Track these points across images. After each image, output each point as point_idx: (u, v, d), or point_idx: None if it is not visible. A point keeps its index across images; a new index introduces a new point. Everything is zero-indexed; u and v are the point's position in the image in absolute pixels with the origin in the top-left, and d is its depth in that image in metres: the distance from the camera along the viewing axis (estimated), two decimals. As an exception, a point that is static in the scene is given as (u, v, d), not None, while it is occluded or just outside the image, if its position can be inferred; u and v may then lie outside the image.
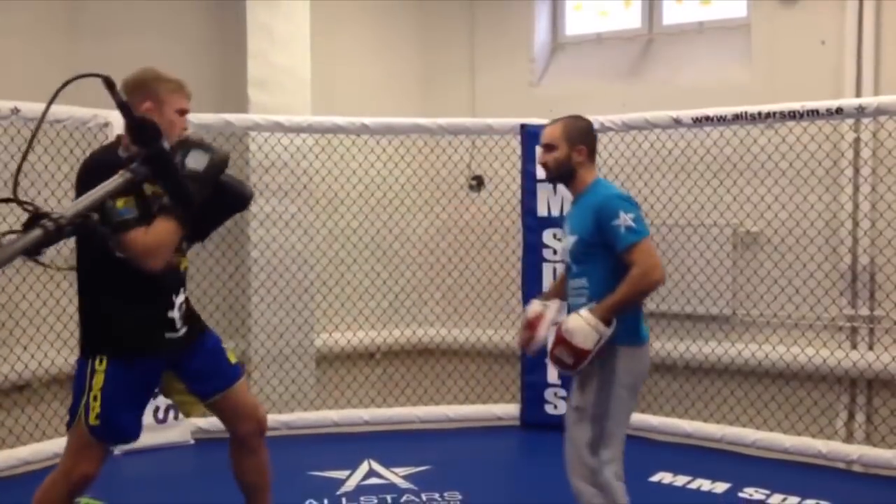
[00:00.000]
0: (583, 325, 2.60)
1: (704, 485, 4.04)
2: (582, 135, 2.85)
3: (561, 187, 4.94)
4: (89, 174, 2.48)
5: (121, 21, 5.07)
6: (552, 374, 4.94)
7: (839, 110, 4.30)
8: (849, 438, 4.57)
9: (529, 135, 4.97)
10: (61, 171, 4.34)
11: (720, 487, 4.00)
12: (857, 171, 4.59)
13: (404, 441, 4.81)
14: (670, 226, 5.00)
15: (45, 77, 1.34)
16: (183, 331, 2.71)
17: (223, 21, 5.32)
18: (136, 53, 5.16)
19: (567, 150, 2.82)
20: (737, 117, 4.55)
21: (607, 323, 2.60)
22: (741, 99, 4.62)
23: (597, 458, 2.68)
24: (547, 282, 4.96)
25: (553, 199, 5.00)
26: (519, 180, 5.13)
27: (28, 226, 1.26)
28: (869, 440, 4.53)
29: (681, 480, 4.10)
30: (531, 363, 5.01)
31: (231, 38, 5.21)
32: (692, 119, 4.67)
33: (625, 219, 2.64)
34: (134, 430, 2.70)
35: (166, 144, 1.86)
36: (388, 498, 3.85)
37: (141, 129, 1.79)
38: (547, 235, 5.00)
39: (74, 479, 2.62)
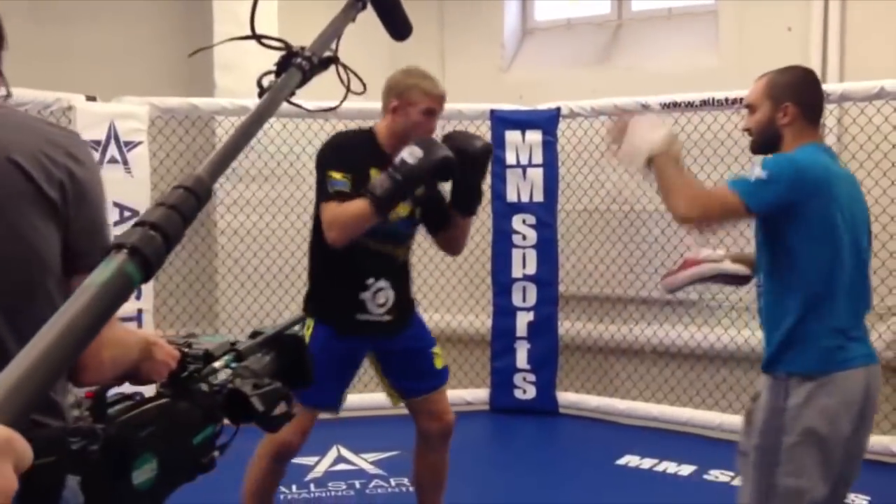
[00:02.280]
0: (645, 133, 2.24)
1: (670, 467, 4.09)
2: (792, 90, 2.27)
3: (534, 172, 5.00)
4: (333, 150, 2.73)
5: (84, 5, 4.99)
6: (521, 359, 4.96)
7: (804, 96, 4.34)
8: (812, 421, 4.64)
9: (499, 120, 4.97)
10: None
11: (686, 470, 4.05)
12: (821, 156, 4.63)
13: (373, 427, 4.80)
14: (638, 211, 5.04)
15: (7, 64, 1.31)
16: (380, 317, 2.77)
17: (189, 3, 5.24)
18: (101, 37, 5.12)
19: (769, 111, 2.28)
20: (704, 103, 4.59)
21: (647, 161, 2.21)
22: (709, 85, 4.65)
23: None
24: (517, 268, 4.97)
25: (523, 185, 5.01)
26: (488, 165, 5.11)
27: (282, 66, 1.13)
28: (831, 422, 4.60)
29: (647, 463, 4.15)
30: (500, 348, 5.03)
31: (197, 20, 5.14)
32: (660, 105, 4.70)
33: (757, 172, 2.13)
34: (330, 399, 2.81)
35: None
36: (357, 483, 3.85)
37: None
38: (517, 221, 5.01)
39: (276, 445, 2.76)
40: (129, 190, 4.52)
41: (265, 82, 1.11)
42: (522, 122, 4.98)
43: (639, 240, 4.99)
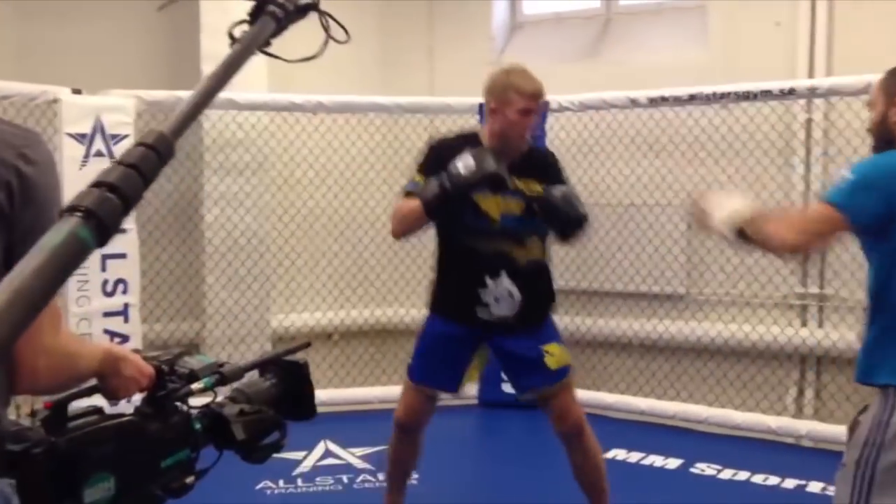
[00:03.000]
0: (723, 203, 2.16)
1: (657, 461, 4.10)
2: None
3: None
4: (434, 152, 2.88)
5: (71, -1, 4.95)
6: (509, 354, 4.96)
7: (791, 91, 4.36)
8: (798, 414, 4.66)
9: (487, 114, 4.96)
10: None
11: (673, 463, 4.06)
12: (808, 151, 4.66)
13: (362, 421, 4.79)
14: (626, 205, 5.04)
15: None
16: (500, 315, 2.86)
17: (176, -4, 5.20)
18: (87, 31, 5.08)
19: (883, 108, 2.13)
20: (692, 98, 4.59)
21: (736, 231, 2.10)
22: (697, 79, 4.65)
23: None
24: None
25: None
26: (477, 160, 5.11)
27: (255, 14, 1.09)
28: (817, 415, 4.62)
29: (635, 457, 4.16)
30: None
31: (184, 11, 5.11)
32: (648, 99, 4.70)
33: (845, 177, 2.03)
34: (440, 381, 3.01)
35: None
36: (345, 478, 3.85)
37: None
38: (506, 214, 5.01)
39: (396, 421, 3.08)
40: (115, 183, 4.49)
41: (237, 33, 1.05)
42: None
43: (626, 234, 5.00)
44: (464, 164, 2.63)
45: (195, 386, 1.36)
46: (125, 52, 5.10)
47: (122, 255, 4.53)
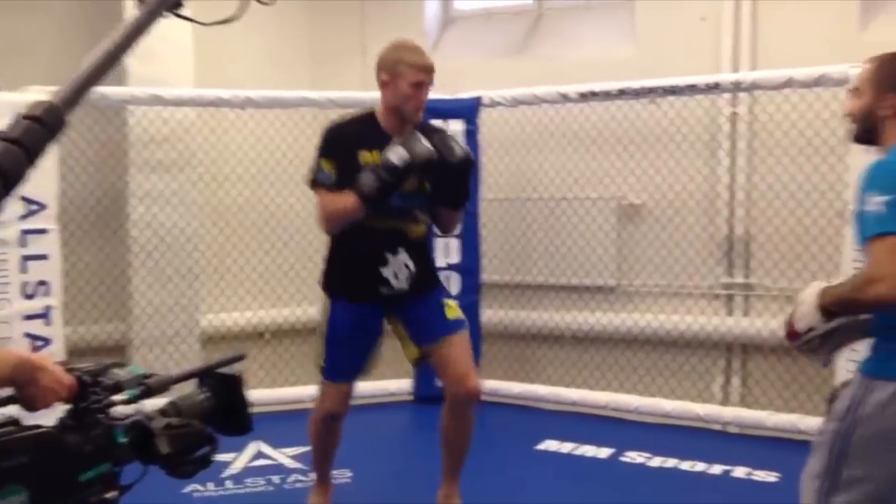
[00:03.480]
0: (807, 300, 2.09)
1: (589, 451, 4.14)
2: None
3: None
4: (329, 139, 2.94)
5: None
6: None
7: (717, 85, 4.44)
8: (725, 401, 4.76)
9: (419, 109, 4.93)
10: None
11: (604, 453, 4.11)
12: (733, 144, 4.75)
13: (294, 421, 4.69)
14: (557, 199, 5.09)
15: None
16: (400, 288, 2.96)
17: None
18: (5, 25, 4.90)
19: (872, 99, 2.09)
20: (621, 92, 4.65)
21: (827, 313, 2.05)
22: (626, 74, 4.71)
23: (824, 500, 2.08)
24: (440, 257, 4.96)
25: (443, 174, 5.00)
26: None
27: None
28: (743, 402, 4.73)
29: (567, 447, 4.20)
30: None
31: (107, 6, 4.97)
32: (578, 94, 4.74)
33: (876, 201, 1.90)
34: (357, 373, 3.06)
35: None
36: (276, 478, 3.80)
37: None
38: (438, 210, 5.00)
39: (322, 413, 3.13)
40: (34, 182, 4.30)
41: None
42: (444, 110, 4.95)
43: (558, 227, 5.04)
44: (396, 154, 2.69)
45: (118, 398, 1.31)
46: (44, 47, 4.93)
47: (44, 257, 4.39)
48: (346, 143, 2.88)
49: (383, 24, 5.76)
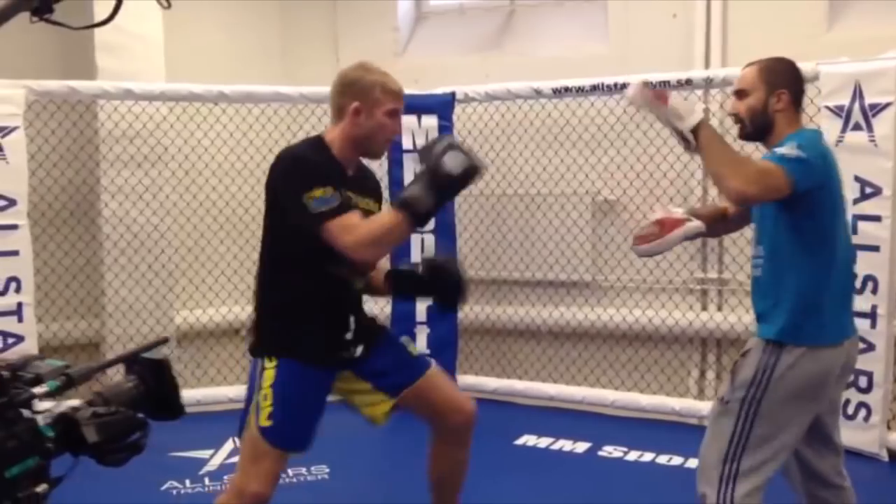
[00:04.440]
0: (688, 108, 2.26)
1: (566, 445, 4.18)
2: (785, 77, 2.35)
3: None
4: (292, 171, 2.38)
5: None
6: (421, 344, 4.96)
7: (689, 81, 4.49)
8: (700, 395, 4.83)
9: (393, 104, 4.92)
10: None
11: (581, 447, 4.15)
12: (705, 140, 4.79)
13: (271, 417, 4.72)
14: (532, 195, 5.11)
15: None
16: (358, 352, 2.53)
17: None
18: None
19: (763, 96, 2.32)
20: (594, 88, 4.67)
21: (693, 129, 2.21)
22: (599, 70, 4.73)
23: (731, 465, 2.23)
24: (415, 253, 4.96)
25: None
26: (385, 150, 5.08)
27: None
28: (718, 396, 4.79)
29: (544, 442, 4.23)
30: (400, 334, 4.99)
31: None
32: (552, 90, 4.76)
33: (788, 148, 2.18)
34: (306, 438, 2.47)
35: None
36: (254, 475, 3.76)
37: None
38: (413, 206, 4.99)
39: (248, 499, 2.40)
40: (4, 178, 4.29)
41: None
42: (418, 106, 4.95)
43: (534, 223, 5.06)
44: (454, 162, 2.24)
45: (38, 390, 1.29)
46: (13, 40, 4.83)
47: (15, 253, 4.34)
48: (328, 166, 2.42)
49: (355, 20, 5.75)
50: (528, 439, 4.26)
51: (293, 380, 2.41)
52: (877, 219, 3.86)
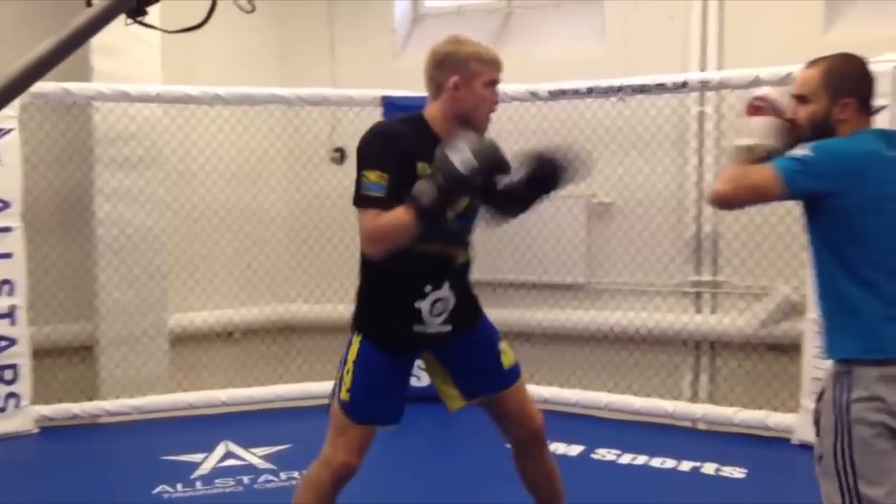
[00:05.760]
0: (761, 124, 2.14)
1: (560, 448, 4.15)
2: (852, 83, 2.09)
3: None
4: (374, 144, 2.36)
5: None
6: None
7: (684, 84, 4.48)
8: (694, 398, 4.82)
9: (391, 106, 4.91)
10: None
11: (575, 450, 4.13)
12: (701, 142, 4.80)
13: (265, 421, 4.71)
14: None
15: None
16: (438, 328, 2.47)
17: (61, -18, 4.98)
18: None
19: (827, 104, 2.08)
20: (590, 91, 4.66)
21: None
22: (596, 73, 4.72)
23: None
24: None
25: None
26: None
27: None
28: (712, 399, 4.78)
29: (538, 445, 4.21)
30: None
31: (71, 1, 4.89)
32: (549, 92, 4.76)
33: (801, 148, 2.04)
34: (387, 414, 2.48)
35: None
36: (246, 479, 3.76)
37: None
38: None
39: (335, 469, 2.43)
40: (-2, 180, 4.28)
41: None
42: (415, 108, 4.90)
43: (528, 225, 5.04)
44: (460, 157, 2.19)
45: None
46: (7, 41, 4.83)
47: (8, 255, 4.34)
48: (400, 148, 2.32)
49: (352, 21, 5.74)
50: (522, 442, 4.24)
51: (373, 356, 2.43)
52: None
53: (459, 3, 5.82)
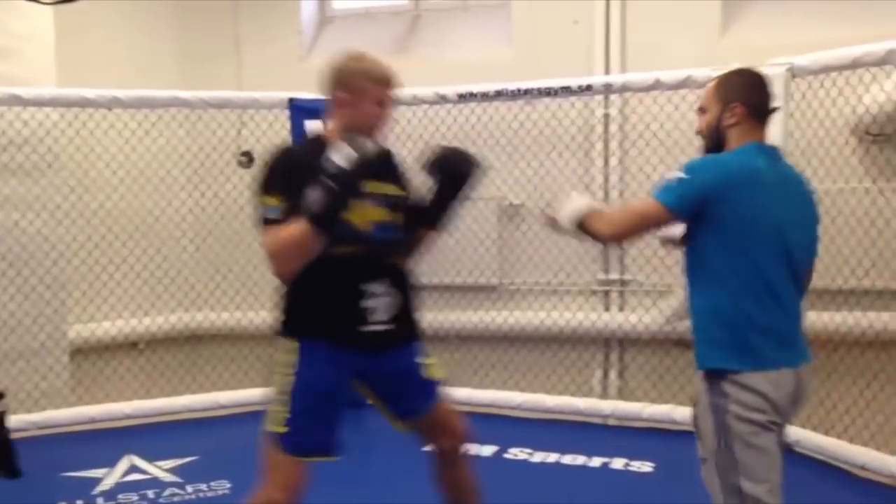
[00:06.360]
0: (566, 204, 2.34)
1: (473, 449, 4.15)
2: (741, 90, 2.23)
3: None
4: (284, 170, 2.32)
5: None
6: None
7: (589, 87, 4.56)
8: (604, 395, 4.91)
9: (298, 109, 4.84)
10: None
11: (488, 450, 4.15)
12: (606, 144, 4.90)
13: (170, 433, 4.57)
14: (438, 200, 5.10)
15: None
16: (384, 326, 2.39)
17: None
18: None
19: (719, 111, 2.23)
20: (498, 94, 4.70)
21: (577, 225, 2.30)
22: (504, 76, 4.77)
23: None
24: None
25: (324, 175, 4.93)
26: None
27: None
28: (621, 395, 4.89)
29: (452, 447, 4.21)
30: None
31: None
32: (457, 95, 4.77)
33: (673, 172, 2.16)
34: (328, 442, 2.36)
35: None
36: (150, 493, 3.63)
37: None
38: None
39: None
40: None
41: None
42: (322, 110, 4.88)
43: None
44: (341, 155, 2.20)
45: None
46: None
47: None
48: (295, 172, 2.29)
49: (258, 23, 5.65)
50: (436, 445, 4.23)
51: (315, 360, 2.33)
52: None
53: (367, 6, 5.80)
